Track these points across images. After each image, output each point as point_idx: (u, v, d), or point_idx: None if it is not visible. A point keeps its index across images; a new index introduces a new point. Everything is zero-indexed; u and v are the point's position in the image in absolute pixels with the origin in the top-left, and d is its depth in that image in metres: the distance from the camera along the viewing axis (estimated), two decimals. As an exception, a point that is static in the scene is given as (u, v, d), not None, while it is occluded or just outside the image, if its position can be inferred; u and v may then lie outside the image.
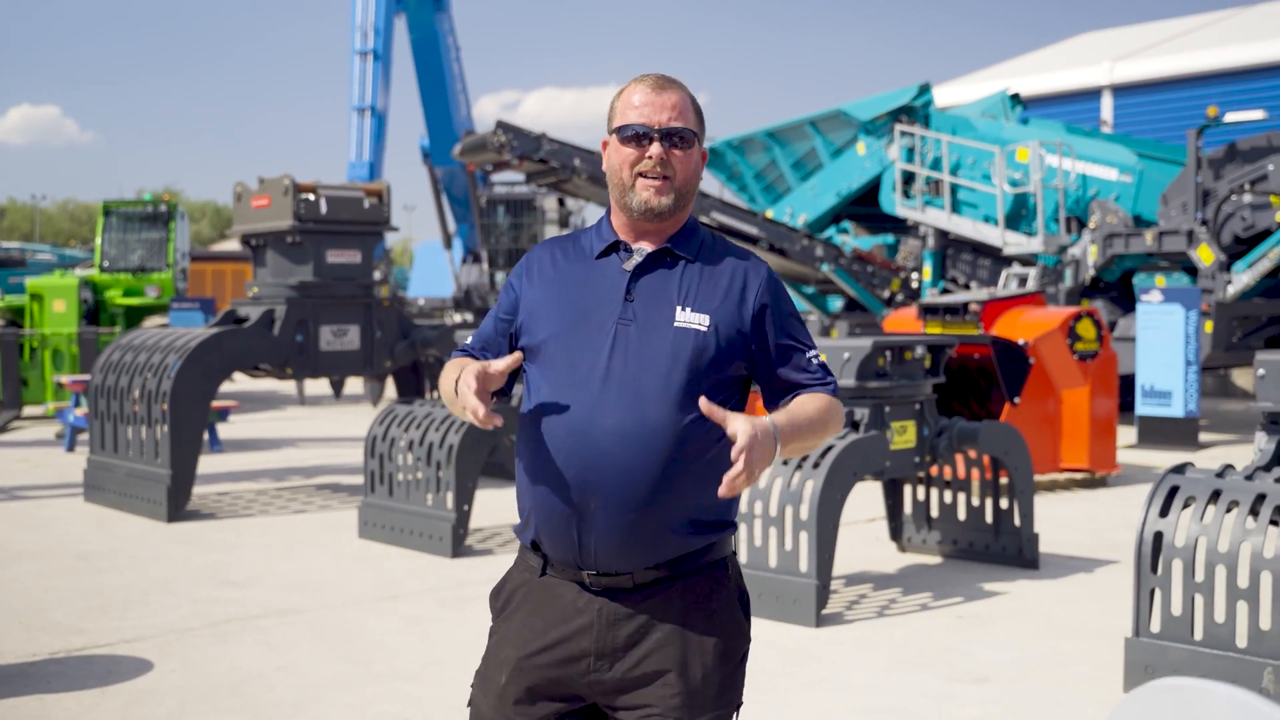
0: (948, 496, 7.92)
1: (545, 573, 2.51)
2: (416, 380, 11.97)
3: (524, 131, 15.52)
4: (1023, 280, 16.17)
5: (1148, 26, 35.39)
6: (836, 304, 19.28)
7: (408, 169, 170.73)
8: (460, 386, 2.37)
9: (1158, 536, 5.10)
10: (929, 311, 11.78)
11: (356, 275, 10.59)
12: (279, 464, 12.53)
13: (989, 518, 7.77)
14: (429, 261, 26.53)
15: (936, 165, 18.24)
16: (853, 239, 20.39)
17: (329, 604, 6.79)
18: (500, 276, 22.53)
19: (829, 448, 6.51)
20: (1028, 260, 16.93)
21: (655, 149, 2.48)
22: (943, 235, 18.19)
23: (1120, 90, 30.19)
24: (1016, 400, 9.50)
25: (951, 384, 9.13)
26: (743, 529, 6.62)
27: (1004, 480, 7.72)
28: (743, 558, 6.58)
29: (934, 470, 7.87)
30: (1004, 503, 7.71)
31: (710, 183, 22.98)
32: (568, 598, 2.48)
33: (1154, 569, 5.11)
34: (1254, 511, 4.96)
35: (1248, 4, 34.41)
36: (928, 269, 18.15)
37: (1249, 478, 5.11)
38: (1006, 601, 6.77)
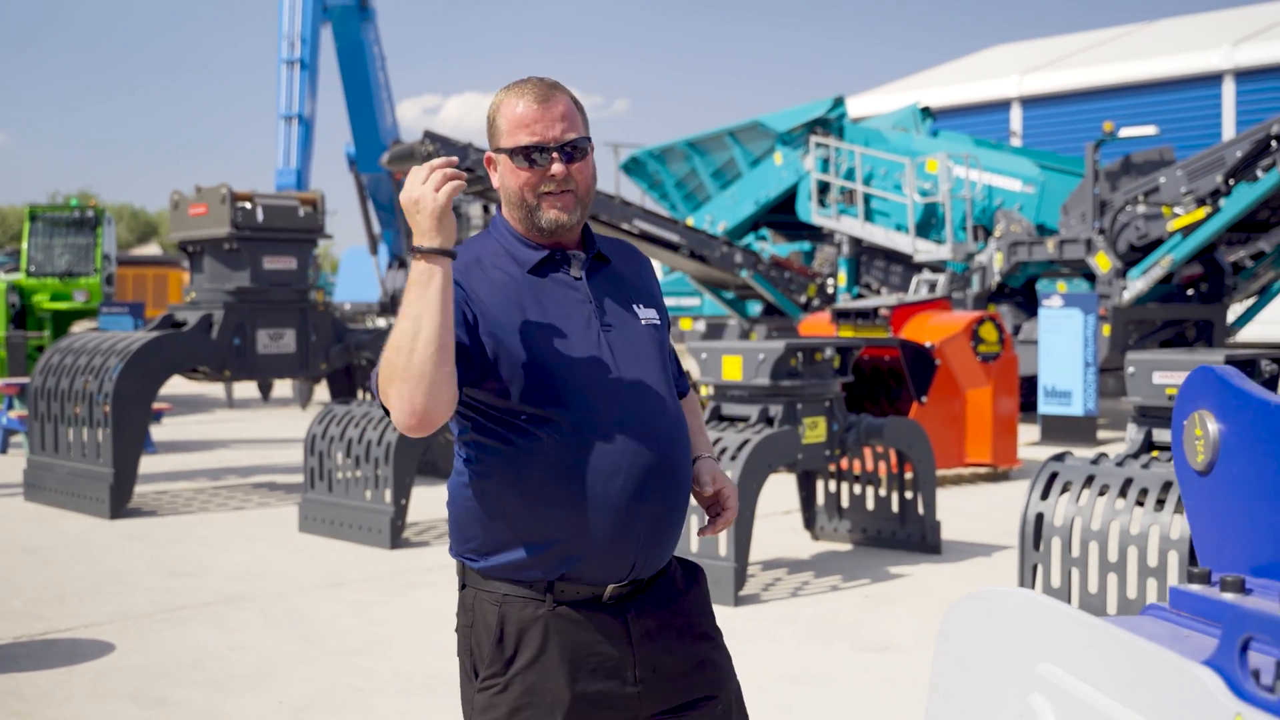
0: (857, 488, 8.48)
1: (558, 603, 2.38)
2: (349, 383, 12.33)
3: (451, 141, 15.90)
4: (933, 286, 16.85)
5: (1055, 40, 36.49)
6: (755, 309, 19.88)
7: (333, 175, 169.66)
8: (430, 192, 2.24)
9: (1039, 517, 5.68)
10: (842, 316, 12.38)
11: (292, 281, 10.95)
12: (214, 464, 12.82)
13: (895, 507, 8.33)
14: (354, 267, 26.77)
15: (850, 175, 18.91)
16: (771, 246, 21.02)
17: (277, 591, 7.19)
18: (425, 282, 22.86)
19: (745, 441, 7.02)
20: (937, 267, 17.63)
21: (557, 168, 2.40)
22: (857, 242, 18.88)
23: (1029, 102, 31.19)
24: (924, 399, 10.11)
25: (864, 384, 9.71)
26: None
27: (909, 474, 8.29)
28: (691, 545, 7.06)
29: (844, 463, 8.42)
30: (909, 494, 8.27)
31: (632, 190, 23.52)
32: (592, 620, 2.39)
33: (1036, 546, 5.69)
34: (1123, 494, 5.56)
35: (1148, 21, 35.57)
36: (842, 275, 18.82)
37: (1119, 464, 5.71)
38: (909, 582, 7.33)
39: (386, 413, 2.25)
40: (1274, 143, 13.16)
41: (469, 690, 2.44)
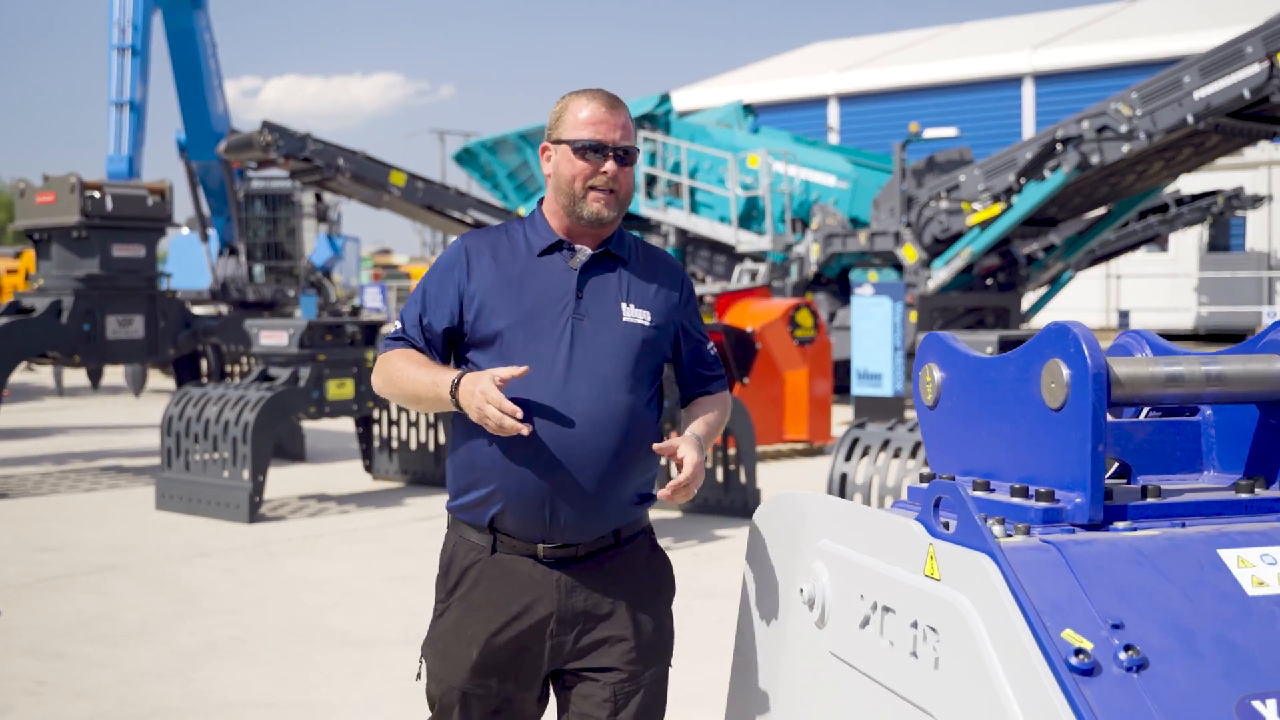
0: (685, 460, 9.27)
1: (495, 549, 2.67)
2: (194, 368, 12.66)
3: (289, 131, 16.21)
4: (754, 275, 17.82)
5: (869, 40, 38.05)
6: (585, 296, 20.60)
7: (163, 162, 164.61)
8: (485, 403, 2.49)
9: (844, 477, 6.53)
10: (670, 303, 13.19)
11: (141, 268, 11.28)
12: (56, 449, 13.00)
13: (720, 478, 9.15)
14: (184, 254, 26.59)
15: (677, 169, 19.79)
16: (600, 236, 21.79)
17: (146, 561, 7.65)
18: (259, 270, 22.98)
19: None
20: (758, 257, 18.62)
21: (610, 166, 2.67)
22: (683, 233, 19.81)
23: (845, 99, 32.60)
24: (746, 380, 10.99)
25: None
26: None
27: (732, 449, 9.11)
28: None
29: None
30: (732, 466, 9.10)
31: (457, 177, 23.94)
32: (523, 570, 2.66)
33: (841, 502, 6.54)
34: (913, 455, 6.44)
35: (956, 23, 37.34)
36: (669, 264, 19.67)
37: (910, 430, 6.60)
38: (733, 543, 8.15)
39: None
40: (1060, 145, 14.40)
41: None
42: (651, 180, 20.05)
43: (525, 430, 2.48)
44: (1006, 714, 1.84)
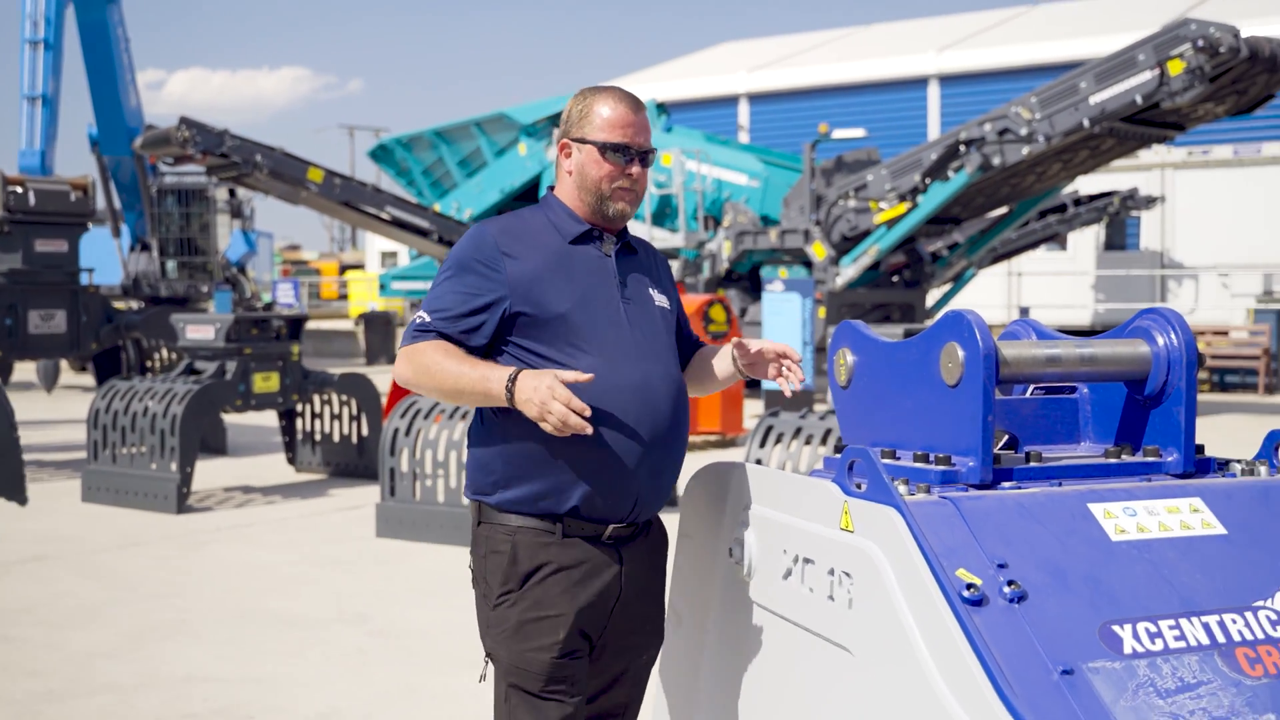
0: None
1: (566, 535, 2.71)
2: (115, 363, 12.71)
3: (207, 127, 16.24)
4: (668, 272, 18.14)
5: (780, 39, 38.57)
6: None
7: (75, 157, 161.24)
8: (551, 399, 2.48)
9: (758, 462, 6.88)
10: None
11: (63, 263, 11.35)
12: (-27, 445, 12.96)
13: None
14: (95, 248, 26.35)
15: (592, 167, 20.09)
16: (516, 233, 22.02)
17: (79, 550, 7.79)
18: (172, 265, 22.88)
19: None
20: (672, 254, 18.98)
21: (636, 168, 2.77)
22: (598, 230, 20.09)
23: (755, 98, 33.08)
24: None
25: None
26: (439, 474, 8.04)
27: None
28: (439, 498, 8.00)
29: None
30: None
31: (367, 172, 24.01)
32: (593, 552, 2.73)
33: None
34: (824, 442, 6.81)
35: (863, 24, 38.03)
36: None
37: (822, 419, 6.97)
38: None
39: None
40: (963, 147, 14.92)
41: (484, 611, 2.78)
42: (567, 178, 20.36)
43: (589, 430, 2.50)
44: (910, 641, 2.18)
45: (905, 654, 2.19)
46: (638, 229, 19.18)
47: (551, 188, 2.88)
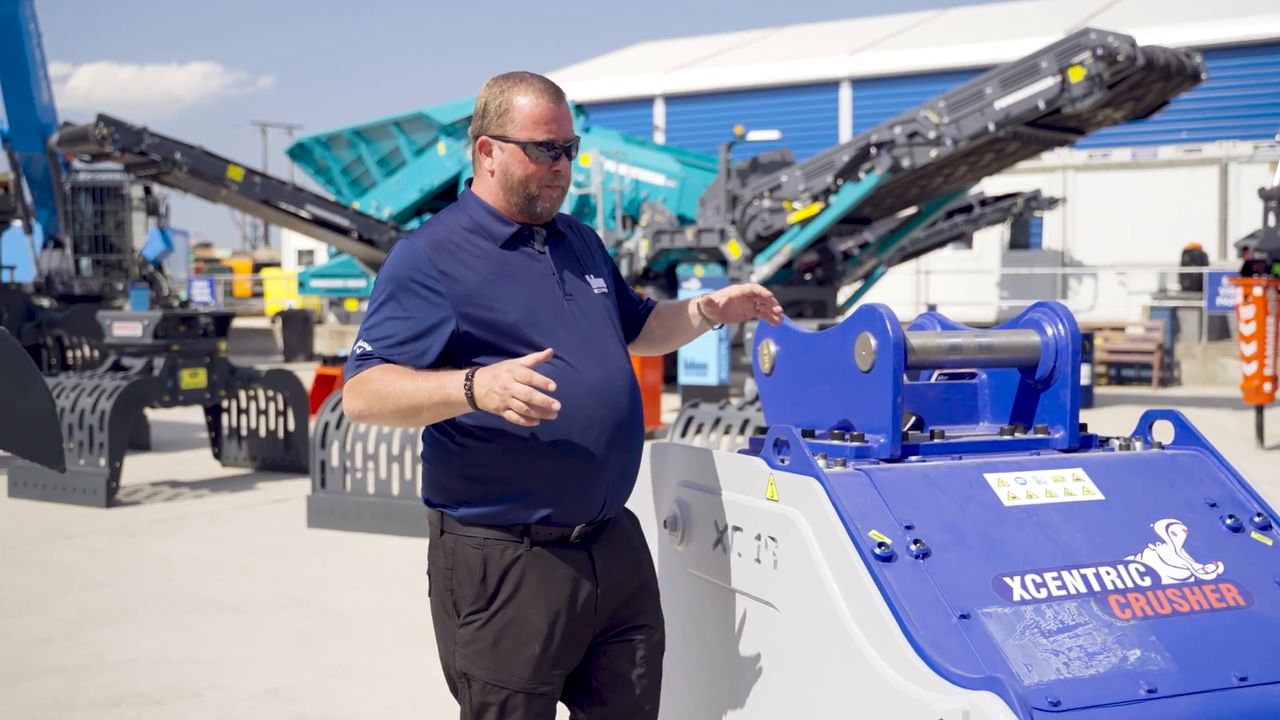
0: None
1: (534, 544, 2.63)
2: (37, 359, 12.69)
3: (125, 125, 16.20)
4: (586, 270, 18.39)
5: (695, 41, 38.96)
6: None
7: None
8: (512, 381, 2.35)
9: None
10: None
11: (-16, 260, 11.33)
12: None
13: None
14: (9, 246, 26.00)
15: (510, 166, 20.30)
16: (434, 231, 22.15)
17: (11, 544, 7.89)
18: (85, 263, 22.70)
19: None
20: (590, 252, 19.24)
21: (563, 164, 2.65)
22: (516, 229, 20.29)
23: (671, 99, 33.45)
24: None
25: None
26: (369, 466, 8.25)
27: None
28: (370, 489, 8.21)
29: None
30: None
31: (279, 167, 23.92)
32: (563, 555, 2.66)
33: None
34: (742, 431, 7.13)
35: (777, 26, 38.55)
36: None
37: (740, 410, 7.29)
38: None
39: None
40: (874, 149, 15.36)
41: (448, 625, 2.66)
42: (485, 176, 20.55)
43: (555, 406, 2.36)
44: (830, 594, 2.48)
45: (825, 606, 2.49)
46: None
47: (470, 182, 2.73)
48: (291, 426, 10.76)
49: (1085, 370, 16.87)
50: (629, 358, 2.82)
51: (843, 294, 19.07)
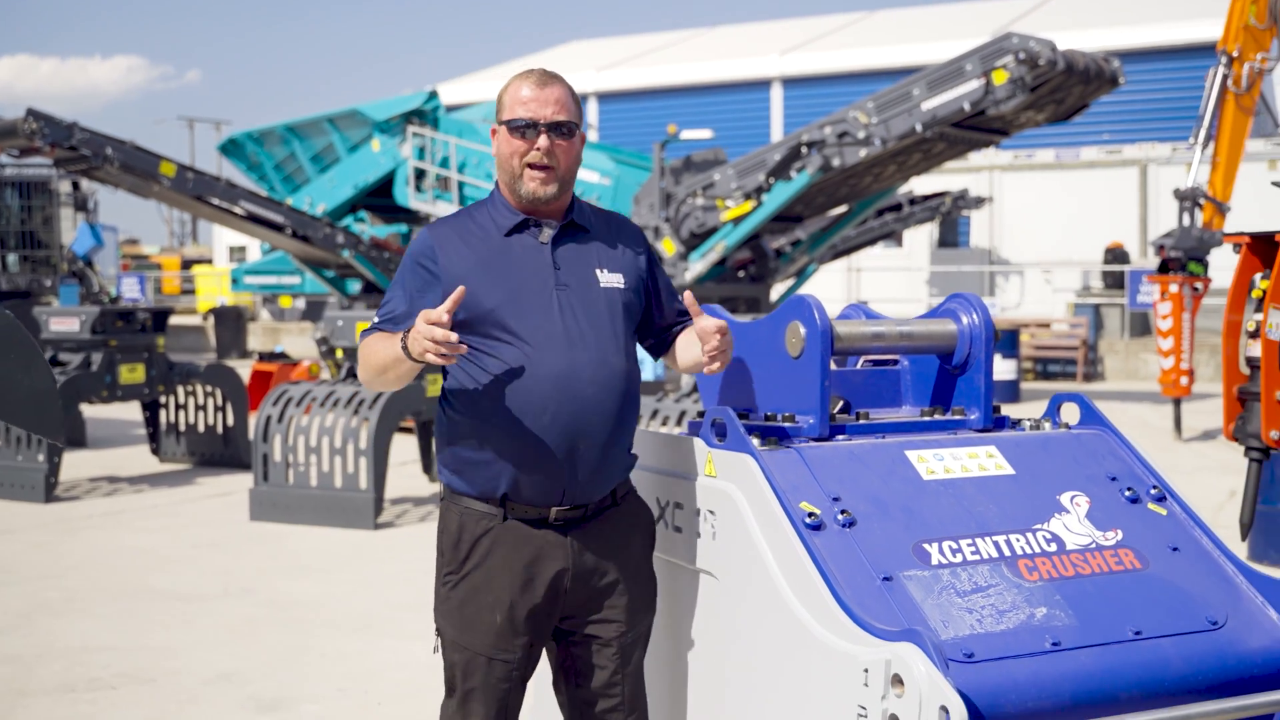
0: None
1: (507, 517, 2.78)
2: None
3: (55, 120, 16.12)
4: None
5: (628, 39, 39.15)
6: (355, 286, 20.99)
7: None
8: (424, 326, 2.53)
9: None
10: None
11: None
12: None
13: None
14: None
15: (445, 164, 20.40)
16: (369, 228, 22.18)
17: (-48, 538, 7.93)
18: (12, 259, 22.49)
19: (380, 395, 8.35)
20: (525, 249, 19.38)
21: (542, 141, 2.75)
22: (451, 226, 20.38)
23: (604, 98, 33.63)
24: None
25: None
26: (312, 459, 8.37)
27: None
28: (312, 482, 8.33)
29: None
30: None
31: (208, 162, 23.82)
32: (538, 534, 2.78)
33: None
34: (679, 423, 7.34)
35: (709, 26, 38.85)
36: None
37: (676, 401, 7.49)
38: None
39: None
40: (805, 149, 15.64)
41: (436, 585, 2.89)
42: (421, 174, 20.61)
43: (454, 339, 2.51)
44: (764, 561, 2.69)
45: (761, 572, 2.70)
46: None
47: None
48: (230, 422, 10.83)
49: (1011, 365, 17.33)
50: (624, 353, 2.86)
51: (776, 290, 19.34)
